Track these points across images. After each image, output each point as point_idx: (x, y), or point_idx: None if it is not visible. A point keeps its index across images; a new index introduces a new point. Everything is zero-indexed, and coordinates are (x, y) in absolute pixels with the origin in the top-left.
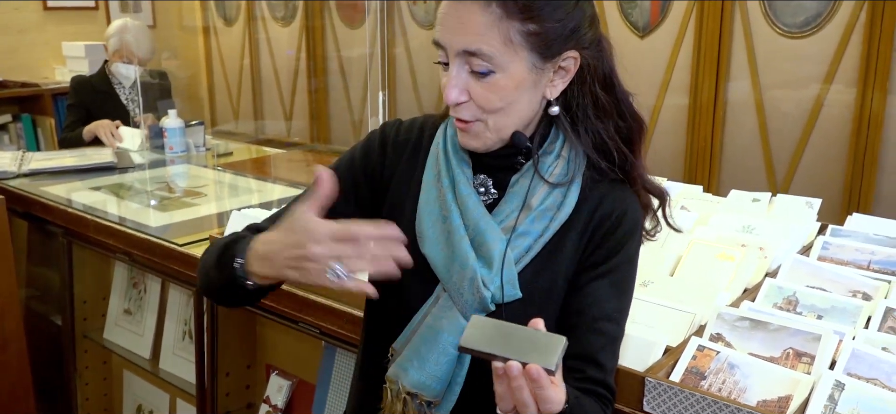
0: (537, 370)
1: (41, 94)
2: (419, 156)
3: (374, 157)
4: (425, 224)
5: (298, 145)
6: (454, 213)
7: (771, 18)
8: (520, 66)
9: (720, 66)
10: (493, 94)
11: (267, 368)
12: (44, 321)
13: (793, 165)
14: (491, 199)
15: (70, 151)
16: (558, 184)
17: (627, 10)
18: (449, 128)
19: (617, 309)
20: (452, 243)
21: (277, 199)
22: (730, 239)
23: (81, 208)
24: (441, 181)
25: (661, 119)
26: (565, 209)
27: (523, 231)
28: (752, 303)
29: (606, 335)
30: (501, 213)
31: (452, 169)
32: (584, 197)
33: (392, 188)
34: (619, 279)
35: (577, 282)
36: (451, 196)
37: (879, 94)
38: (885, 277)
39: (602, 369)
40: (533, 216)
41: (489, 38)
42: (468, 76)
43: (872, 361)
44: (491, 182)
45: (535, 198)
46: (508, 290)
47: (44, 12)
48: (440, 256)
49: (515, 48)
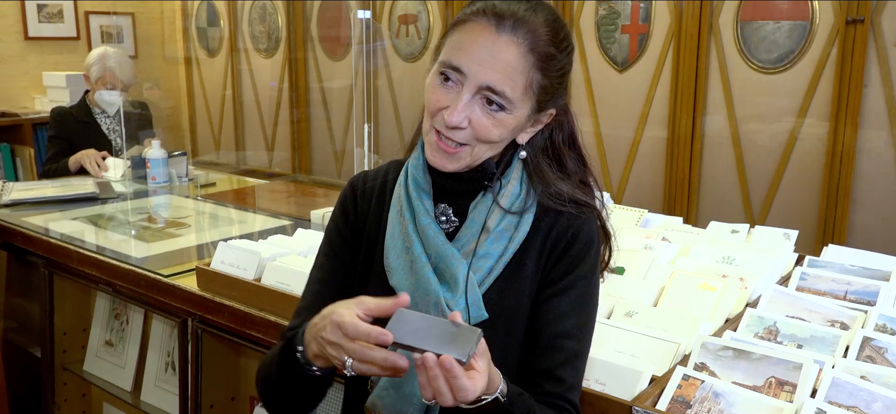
0: (450, 361)
1: (21, 124)
2: (385, 198)
3: (350, 212)
4: (391, 257)
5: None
6: (415, 243)
7: (746, 55)
8: (524, 112)
9: (697, 101)
10: (495, 129)
11: (251, 400)
12: (22, 353)
13: (769, 197)
14: (452, 226)
15: (52, 182)
16: (511, 211)
17: (606, 45)
18: (410, 165)
19: (577, 325)
20: (415, 271)
21: (259, 231)
22: (711, 270)
23: (63, 239)
24: (403, 215)
25: (640, 151)
26: (522, 229)
27: (484, 253)
28: (734, 332)
29: (565, 351)
30: (462, 238)
31: (413, 202)
32: (539, 219)
33: (366, 232)
34: (577, 296)
35: (536, 299)
36: (412, 227)
37: (851, 128)
38: (862, 306)
39: (560, 383)
40: (491, 238)
41: (516, 83)
42: (476, 106)
43: (852, 390)
44: (451, 210)
45: (491, 220)
46: (474, 311)
47: (25, 42)
48: (405, 285)
49: (529, 96)
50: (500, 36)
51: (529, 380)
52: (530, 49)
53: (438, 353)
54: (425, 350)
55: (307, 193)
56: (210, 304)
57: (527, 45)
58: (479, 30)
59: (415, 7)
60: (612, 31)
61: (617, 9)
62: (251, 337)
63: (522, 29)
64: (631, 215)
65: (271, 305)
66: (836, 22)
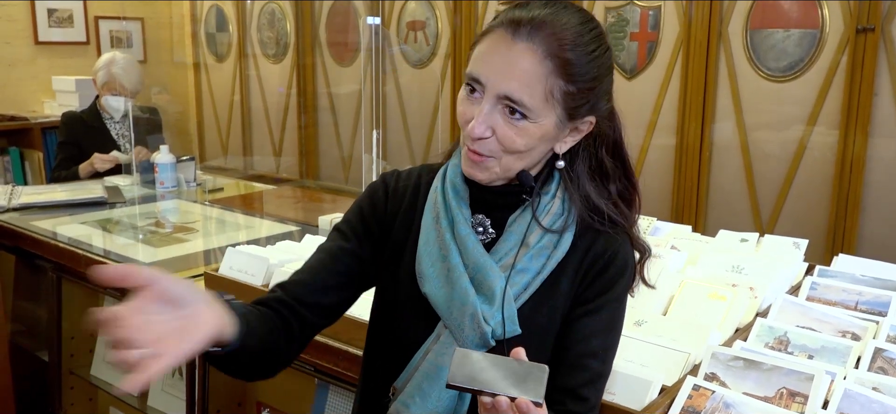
0: (526, 404)
1: (30, 128)
2: (418, 201)
3: (379, 205)
4: (425, 264)
5: (288, 181)
6: (453, 252)
7: (755, 63)
8: (550, 120)
9: (706, 109)
10: (519, 138)
11: (258, 406)
12: (30, 357)
13: (778, 206)
14: (489, 238)
15: (60, 186)
16: (552, 230)
17: (615, 53)
18: (449, 170)
19: (603, 346)
20: (452, 281)
21: (266, 236)
22: (720, 279)
23: (72, 243)
24: (440, 222)
25: (649, 159)
26: (562, 247)
27: (522, 268)
28: (744, 342)
29: (590, 371)
30: (500, 251)
31: (451, 210)
32: (578, 238)
33: (393, 234)
34: (607, 317)
35: (567, 317)
36: (449, 236)
37: (861, 136)
38: (873, 317)
39: (584, 403)
40: (531, 254)
41: (534, 90)
42: (498, 115)
43: (864, 401)
44: (489, 222)
45: (532, 236)
46: (509, 326)
47: (35, 46)
48: (440, 294)
49: (552, 103)
50: (516, 43)
51: (553, 397)
52: (548, 55)
53: (512, 395)
54: (497, 394)
55: (315, 199)
56: None
57: (543, 51)
58: (497, 39)
59: (423, 13)
60: (621, 38)
61: (626, 16)
62: None
63: (540, 34)
64: (640, 224)
65: None
66: (847, 30)
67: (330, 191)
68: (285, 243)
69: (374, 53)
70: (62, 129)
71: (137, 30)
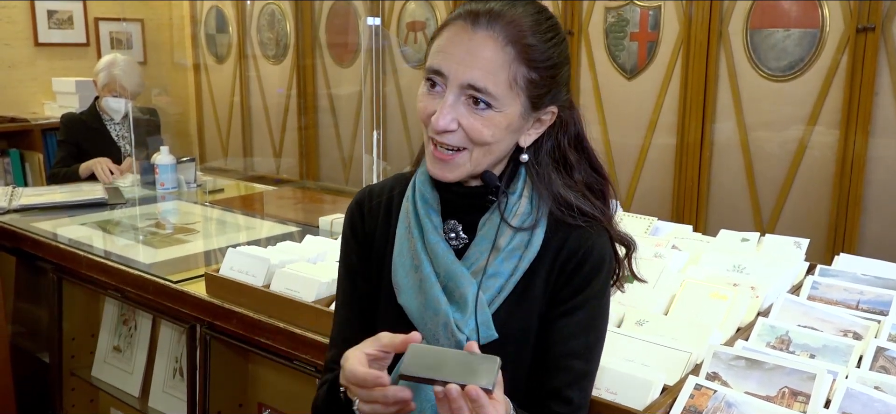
0: (476, 390)
1: (30, 130)
2: (392, 213)
3: (359, 231)
4: (400, 275)
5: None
6: (425, 262)
7: (755, 62)
8: (514, 109)
9: (706, 108)
10: (485, 129)
11: (259, 406)
12: (30, 358)
13: (779, 205)
14: (461, 243)
15: (61, 187)
16: (522, 228)
17: (615, 53)
18: (418, 179)
19: (585, 346)
20: (425, 291)
21: (267, 237)
22: (721, 278)
23: (72, 244)
24: (411, 232)
25: (649, 159)
26: (533, 247)
27: (494, 272)
28: (745, 342)
29: (573, 371)
30: (471, 256)
31: (421, 219)
32: (550, 236)
33: (374, 249)
34: (587, 316)
35: (545, 319)
36: (420, 245)
37: (861, 136)
38: (875, 316)
39: (568, 404)
40: (501, 257)
41: (498, 77)
42: (462, 106)
43: (866, 401)
44: (460, 227)
45: (502, 238)
46: (484, 331)
47: (35, 48)
48: (414, 304)
49: (516, 91)
50: (476, 32)
51: (537, 399)
52: (508, 42)
53: (462, 383)
54: (447, 382)
55: (315, 200)
56: (219, 310)
57: (504, 38)
58: (457, 30)
59: (423, 14)
60: (621, 38)
61: (626, 16)
62: (260, 344)
63: (499, 23)
64: (640, 223)
65: (280, 312)
66: (847, 29)
67: (330, 192)
68: (286, 244)
69: (375, 54)
70: (62, 129)
71: (137, 31)
